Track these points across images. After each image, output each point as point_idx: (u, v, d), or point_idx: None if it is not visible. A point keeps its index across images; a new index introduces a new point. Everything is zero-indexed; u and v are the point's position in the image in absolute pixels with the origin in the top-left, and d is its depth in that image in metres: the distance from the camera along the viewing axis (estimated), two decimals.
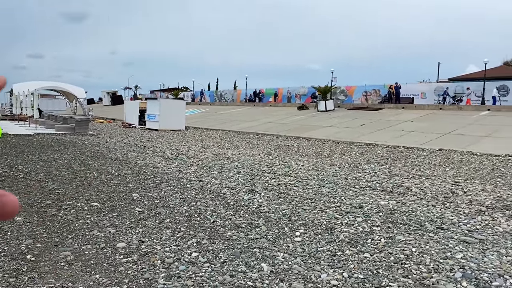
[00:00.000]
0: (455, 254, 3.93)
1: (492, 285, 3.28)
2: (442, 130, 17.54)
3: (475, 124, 18.83)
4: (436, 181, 7.99)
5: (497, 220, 5.21)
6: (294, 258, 3.81)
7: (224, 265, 3.62)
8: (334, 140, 16.90)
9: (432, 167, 9.86)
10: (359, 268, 3.60)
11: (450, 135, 16.52)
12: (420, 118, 21.70)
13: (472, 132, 16.90)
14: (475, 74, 36.44)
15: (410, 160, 11.21)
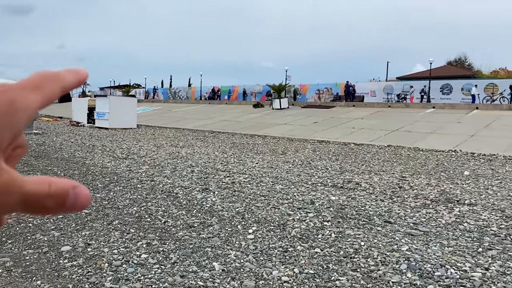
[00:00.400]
0: (401, 247, 4.08)
1: (435, 275, 3.42)
2: (390, 127, 18.20)
3: (421, 121, 19.69)
4: (385, 176, 8.26)
5: (440, 212, 5.46)
6: (246, 256, 3.80)
7: (174, 265, 3.55)
8: (289, 137, 17.10)
9: (381, 163, 10.20)
10: (310, 263, 3.64)
11: (398, 132, 17.18)
12: (370, 116, 22.42)
13: (418, 129, 17.66)
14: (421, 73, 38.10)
15: (360, 156, 11.53)
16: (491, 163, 10.34)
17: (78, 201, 0.28)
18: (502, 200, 6.26)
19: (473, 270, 3.55)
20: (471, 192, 6.76)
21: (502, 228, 4.82)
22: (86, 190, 0.29)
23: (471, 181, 7.82)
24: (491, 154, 11.91)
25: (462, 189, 7.04)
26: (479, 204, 5.94)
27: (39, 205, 0.26)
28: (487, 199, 6.31)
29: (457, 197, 6.35)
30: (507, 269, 3.58)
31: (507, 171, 9.10)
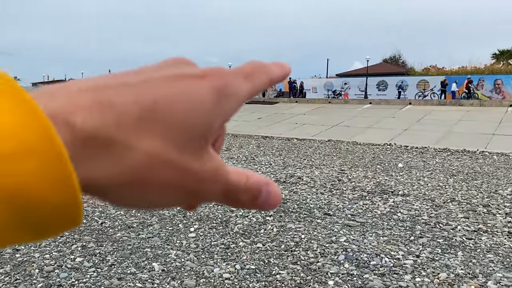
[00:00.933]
0: (339, 238, 4.21)
1: (370, 264, 3.56)
2: (331, 123, 18.76)
3: (359, 116, 20.47)
4: (325, 170, 8.50)
5: (376, 203, 5.70)
6: (187, 255, 3.75)
7: (112, 268, 3.42)
8: (233, 133, 17.10)
9: (322, 157, 10.48)
10: (252, 259, 3.66)
11: (337, 127, 17.75)
12: (312, 112, 22.98)
13: (356, 124, 18.35)
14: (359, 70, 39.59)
15: (303, 151, 11.78)
16: (423, 156, 10.96)
17: (269, 199, 0.27)
18: (432, 190, 6.66)
19: (405, 257, 3.74)
20: (405, 183, 7.12)
21: (432, 216, 5.12)
22: (278, 189, 0.28)
23: (405, 173, 8.24)
24: (422, 147, 12.62)
25: (396, 180, 7.40)
26: (412, 195, 6.27)
27: (235, 197, 0.26)
28: (419, 189, 6.68)
29: (391, 189, 6.67)
30: (436, 256, 3.81)
31: (437, 163, 9.69)
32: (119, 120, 0.20)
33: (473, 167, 9.09)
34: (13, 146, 0.17)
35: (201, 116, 0.23)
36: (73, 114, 0.20)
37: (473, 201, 5.92)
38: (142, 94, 0.21)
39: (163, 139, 0.21)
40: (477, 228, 4.66)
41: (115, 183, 0.21)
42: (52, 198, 0.18)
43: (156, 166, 0.21)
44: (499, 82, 28.16)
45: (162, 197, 0.23)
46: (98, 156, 0.20)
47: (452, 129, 16.21)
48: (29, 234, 0.20)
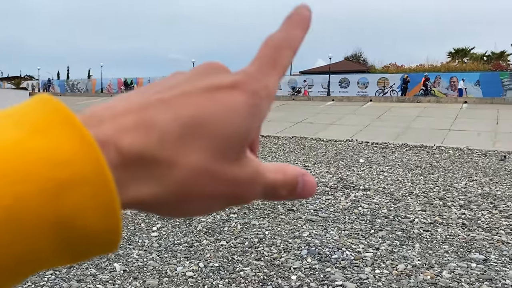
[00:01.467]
0: (302, 233, 4.27)
1: (332, 258, 3.64)
2: (295, 119, 18.97)
3: (322, 113, 20.81)
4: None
5: (338, 198, 5.82)
6: (149, 254, 3.69)
7: (70, 270, 3.32)
8: None
9: (286, 154, 10.59)
10: (215, 256, 3.65)
11: (301, 124, 17.97)
12: (276, 108, 23.13)
13: (320, 120, 18.64)
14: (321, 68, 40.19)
15: (267, 148, 11.85)
16: (383, 151, 11.29)
17: (305, 189, 0.28)
18: (391, 184, 6.87)
19: (365, 250, 3.84)
20: (365, 178, 7.31)
21: (391, 210, 5.29)
22: (313, 178, 0.29)
23: (366, 168, 8.46)
24: (383, 142, 12.99)
25: (357, 175, 7.58)
26: (372, 189, 6.45)
27: (274, 193, 0.27)
28: (379, 184, 6.87)
29: (353, 183, 6.83)
30: (394, 248, 3.94)
31: (396, 158, 10.00)
32: (162, 139, 0.21)
33: (430, 162, 9.44)
34: (69, 175, 0.18)
35: (238, 125, 0.23)
36: (121, 139, 0.21)
37: (430, 195, 6.16)
38: (180, 111, 0.22)
39: (204, 153, 0.22)
40: (434, 220, 4.85)
41: (160, 200, 0.22)
42: (96, 226, 0.19)
43: (200, 179, 0.22)
44: (454, 79, 29.35)
45: (206, 205, 0.24)
46: (143, 177, 0.21)
47: (410, 125, 16.76)
48: (68, 257, 0.20)
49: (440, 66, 35.22)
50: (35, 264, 0.19)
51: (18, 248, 0.18)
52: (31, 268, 0.19)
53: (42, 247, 0.19)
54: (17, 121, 0.19)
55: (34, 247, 0.18)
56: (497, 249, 3.96)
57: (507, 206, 5.55)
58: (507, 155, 10.40)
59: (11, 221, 0.17)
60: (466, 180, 7.31)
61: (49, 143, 0.18)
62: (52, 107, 0.20)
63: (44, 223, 0.18)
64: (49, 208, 0.18)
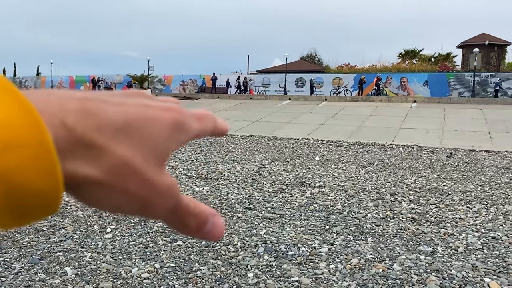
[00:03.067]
0: (259, 231, 4.30)
1: (288, 254, 3.69)
2: (252, 118, 19.05)
3: (279, 112, 21.03)
4: (246, 165, 8.61)
5: (295, 196, 5.91)
6: (103, 257, 3.59)
7: (18, 275, 3.17)
8: None
9: (244, 152, 10.61)
10: (172, 257, 3.61)
11: (259, 122, 18.07)
12: (233, 107, 23.13)
13: (276, 119, 18.83)
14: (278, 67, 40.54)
15: (225, 146, 11.82)
16: (337, 149, 11.57)
17: (215, 230, 0.30)
18: (346, 181, 7.05)
19: (321, 246, 3.93)
20: (321, 176, 7.46)
21: (345, 206, 5.43)
22: (222, 221, 0.30)
23: (321, 165, 8.64)
24: (337, 140, 13.32)
25: (313, 173, 7.72)
26: (327, 186, 6.59)
27: (182, 221, 0.29)
28: (333, 181, 7.04)
29: (309, 181, 6.95)
30: (348, 243, 4.05)
31: (350, 155, 10.28)
32: (100, 127, 0.24)
33: (382, 159, 9.78)
34: (9, 137, 0.20)
35: (162, 138, 0.27)
36: (66, 117, 0.23)
37: (381, 190, 6.38)
38: (118, 112, 0.25)
39: (132, 150, 0.25)
40: (385, 215, 5.03)
41: (88, 181, 0.24)
42: (36, 185, 0.21)
43: (125, 171, 0.25)
44: (404, 79, 30.54)
45: (124, 201, 0.25)
46: (79, 155, 0.23)
47: (363, 124, 17.28)
48: (10, 218, 0.22)
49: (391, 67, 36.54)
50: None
51: None
52: None
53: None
54: None
55: None
56: (443, 241, 4.17)
57: (453, 200, 5.85)
58: (453, 152, 10.96)
59: None
60: (416, 176, 7.64)
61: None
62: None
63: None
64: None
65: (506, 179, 7.55)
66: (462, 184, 6.98)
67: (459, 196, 6.10)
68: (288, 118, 18.99)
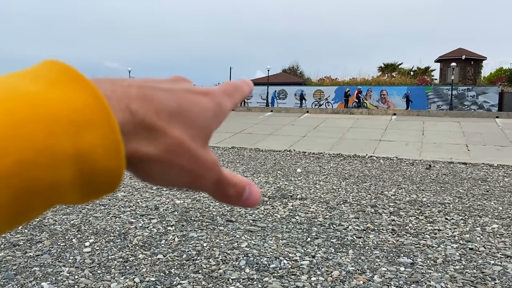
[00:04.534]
0: (241, 244, 4.28)
1: (270, 267, 3.68)
2: (234, 129, 19.04)
3: (261, 123, 21.09)
4: None
5: (276, 208, 5.91)
6: (81, 271, 3.52)
7: None
8: None
9: (225, 164, 10.58)
10: (152, 270, 3.56)
11: (241, 134, 18.08)
12: None
13: (259, 131, 18.88)
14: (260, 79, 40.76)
15: None
16: (319, 161, 11.64)
17: (251, 197, 0.33)
18: (327, 193, 7.10)
19: (302, 258, 3.93)
20: (303, 188, 7.50)
21: (327, 218, 5.46)
22: (258, 190, 0.34)
23: (303, 177, 8.68)
24: (319, 152, 13.41)
25: (295, 185, 7.75)
26: (309, 198, 6.62)
27: (224, 190, 0.32)
28: (315, 193, 7.07)
29: (290, 193, 6.97)
30: (329, 255, 4.06)
31: (331, 167, 10.36)
32: (158, 112, 0.27)
33: (362, 171, 9.89)
34: (84, 119, 0.23)
35: (207, 120, 0.30)
36: (130, 103, 0.26)
37: (362, 202, 6.44)
38: (170, 97, 0.29)
39: (184, 131, 0.28)
40: (366, 227, 5.07)
41: (149, 158, 0.27)
42: (104, 162, 0.24)
43: (179, 149, 0.28)
44: (384, 92, 31.08)
45: (177, 175, 0.29)
46: (141, 136, 0.26)
47: (344, 136, 17.47)
48: (78, 194, 0.24)
49: (371, 80, 37.15)
50: (56, 196, 0.23)
51: (50, 175, 0.22)
52: (54, 199, 0.23)
53: (63, 177, 0.23)
54: (32, 78, 0.24)
55: (57, 177, 0.22)
56: (423, 253, 4.22)
57: (432, 212, 5.94)
58: (431, 164, 11.16)
59: (44, 150, 0.22)
60: (396, 188, 7.74)
61: (65, 95, 0.23)
62: (62, 67, 0.24)
63: (66, 156, 0.22)
64: (70, 143, 0.22)
65: (483, 190, 7.72)
66: (440, 196, 7.10)
67: (437, 208, 6.20)
68: (270, 130, 19.06)
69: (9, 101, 0.22)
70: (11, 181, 0.21)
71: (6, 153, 0.21)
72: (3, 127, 0.21)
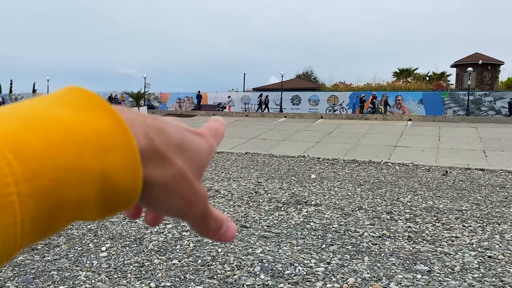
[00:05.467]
0: (255, 250, 4.28)
1: (285, 273, 3.67)
2: (248, 135, 19.09)
3: (275, 129, 21.09)
4: (242, 182, 8.60)
5: (291, 214, 5.89)
6: (98, 275, 3.55)
7: None
8: None
9: (240, 170, 10.60)
10: (167, 275, 3.58)
11: (255, 140, 18.10)
12: (229, 125, 23.17)
13: (272, 136, 18.88)
14: (274, 85, 40.81)
15: (220, 164, 11.82)
16: (333, 167, 11.58)
17: (228, 232, 0.35)
18: (342, 199, 7.05)
19: (317, 265, 3.91)
20: (317, 194, 7.46)
21: (342, 224, 5.42)
22: (234, 226, 0.36)
23: (317, 183, 8.64)
24: (333, 158, 13.34)
25: (309, 191, 7.72)
26: (324, 204, 6.59)
27: (205, 223, 0.34)
28: (330, 199, 7.03)
29: (305, 199, 6.94)
30: (345, 262, 4.03)
31: (346, 173, 10.29)
32: (168, 142, 0.30)
33: (378, 177, 9.80)
34: (109, 141, 0.25)
35: (202, 156, 0.33)
36: (150, 130, 0.29)
37: (378, 209, 6.38)
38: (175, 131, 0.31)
39: (186, 163, 0.31)
40: (382, 234, 5.02)
41: (158, 183, 0.29)
42: (125, 181, 0.26)
43: (181, 179, 0.30)
44: (399, 98, 30.80)
45: (176, 202, 0.31)
46: (153, 162, 0.28)
47: (359, 141, 17.35)
48: (98, 210, 0.26)
49: (386, 85, 36.87)
50: (80, 212, 0.25)
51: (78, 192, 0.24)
52: (77, 214, 0.26)
53: (89, 195, 0.25)
54: (62, 103, 0.26)
55: (84, 194, 0.25)
56: (440, 260, 4.16)
57: (449, 219, 5.86)
58: (448, 170, 11.00)
59: (75, 169, 0.24)
60: (412, 195, 7.65)
61: (93, 119, 0.26)
62: (88, 94, 0.27)
63: (93, 175, 0.25)
64: (97, 164, 0.25)
65: (501, 197, 7.58)
66: (458, 203, 7.00)
67: (455, 215, 6.11)
68: (284, 135, 19.04)
69: (44, 124, 0.24)
70: (47, 197, 0.23)
71: (44, 171, 0.23)
72: (40, 148, 0.23)
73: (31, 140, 0.23)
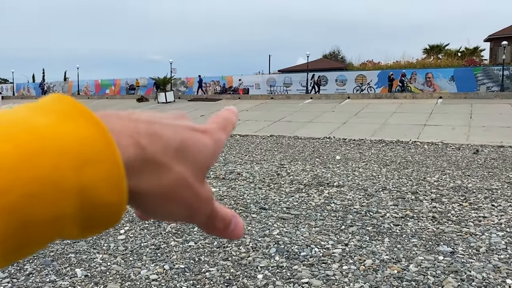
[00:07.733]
0: (272, 231, 4.22)
1: (300, 255, 3.60)
2: (273, 118, 18.96)
3: (300, 111, 20.85)
4: (265, 165, 8.54)
5: (312, 195, 5.80)
6: (114, 258, 3.59)
7: (29, 277, 3.20)
8: None
9: (263, 152, 10.54)
10: (182, 258, 3.57)
11: (279, 122, 17.96)
12: (255, 108, 23.09)
13: (298, 118, 18.67)
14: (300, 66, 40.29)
15: (244, 147, 11.79)
16: (360, 147, 11.35)
17: (236, 229, 0.34)
18: (366, 180, 6.89)
19: (334, 247, 3.82)
20: (340, 175, 7.32)
21: (363, 205, 5.29)
22: (242, 222, 0.35)
23: (341, 164, 8.48)
24: (359, 139, 13.07)
25: (333, 172, 7.58)
26: (346, 185, 6.45)
27: (213, 223, 0.33)
28: (353, 180, 6.88)
29: (327, 180, 6.82)
30: (363, 243, 3.92)
31: (372, 154, 10.07)
32: (165, 148, 0.28)
33: (405, 157, 9.53)
34: (89, 152, 0.23)
35: (206, 157, 0.31)
36: (141, 139, 0.26)
37: (402, 189, 6.19)
38: (175, 134, 0.29)
39: (187, 168, 0.29)
40: (405, 215, 4.87)
41: (151, 193, 0.27)
42: (106, 196, 0.24)
43: (181, 185, 0.28)
44: (430, 75, 29.78)
45: (177, 209, 0.29)
46: (149, 171, 0.27)
47: (387, 121, 16.92)
48: (78, 228, 0.24)
49: (416, 63, 35.73)
50: (57, 230, 0.23)
51: (54, 208, 0.22)
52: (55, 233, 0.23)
53: (66, 212, 0.22)
54: (42, 112, 0.24)
55: (61, 211, 0.22)
56: (465, 241, 3.99)
57: (477, 198, 5.62)
58: (479, 149, 10.58)
59: (51, 184, 0.21)
60: (439, 174, 7.39)
61: (73, 129, 0.23)
62: (70, 102, 0.25)
63: (71, 190, 0.22)
64: (75, 177, 0.22)
65: None
66: (488, 182, 6.71)
67: (484, 194, 5.86)
68: (309, 117, 18.80)
69: (19, 133, 0.22)
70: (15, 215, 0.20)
71: (13, 186, 0.20)
72: (12, 160, 0.21)
73: (2, 150, 0.21)
